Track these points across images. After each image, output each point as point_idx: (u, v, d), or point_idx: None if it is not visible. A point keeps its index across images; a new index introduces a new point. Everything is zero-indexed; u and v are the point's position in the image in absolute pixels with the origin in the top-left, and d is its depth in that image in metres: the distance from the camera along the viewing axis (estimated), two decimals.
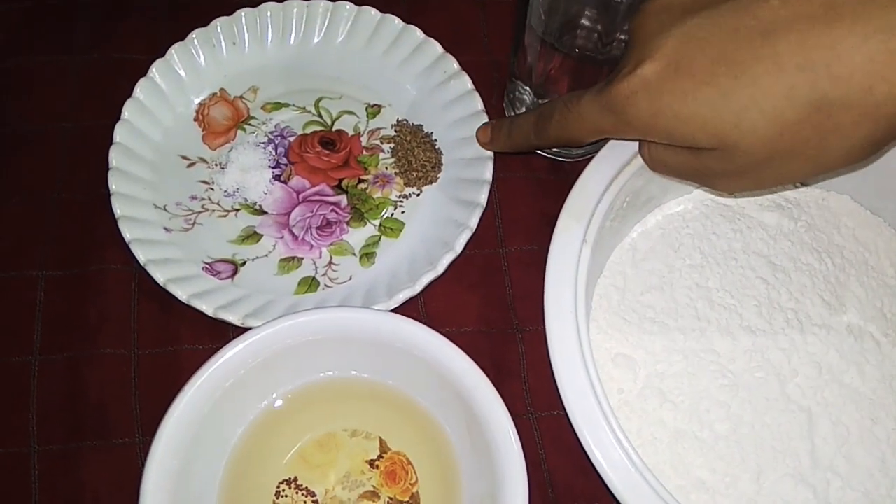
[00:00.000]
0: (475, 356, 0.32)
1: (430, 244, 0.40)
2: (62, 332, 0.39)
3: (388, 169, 0.44)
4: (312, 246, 0.41)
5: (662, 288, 0.39)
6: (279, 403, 0.34)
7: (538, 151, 0.44)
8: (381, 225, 0.42)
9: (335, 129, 0.45)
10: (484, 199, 0.40)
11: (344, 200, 0.43)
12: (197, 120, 0.44)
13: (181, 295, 0.37)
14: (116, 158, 0.40)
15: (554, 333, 0.33)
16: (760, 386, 0.37)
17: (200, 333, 0.39)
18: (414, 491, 0.34)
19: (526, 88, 0.42)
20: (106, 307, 0.39)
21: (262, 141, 0.44)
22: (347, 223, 0.42)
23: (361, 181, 0.43)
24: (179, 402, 0.31)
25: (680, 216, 0.41)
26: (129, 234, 0.39)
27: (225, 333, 0.38)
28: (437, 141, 0.44)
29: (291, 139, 0.44)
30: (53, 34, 0.47)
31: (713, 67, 0.27)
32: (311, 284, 0.40)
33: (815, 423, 0.36)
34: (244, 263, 0.40)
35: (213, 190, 0.42)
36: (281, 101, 0.45)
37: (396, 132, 0.44)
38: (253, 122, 0.44)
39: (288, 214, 0.42)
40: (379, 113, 0.45)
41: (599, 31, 0.38)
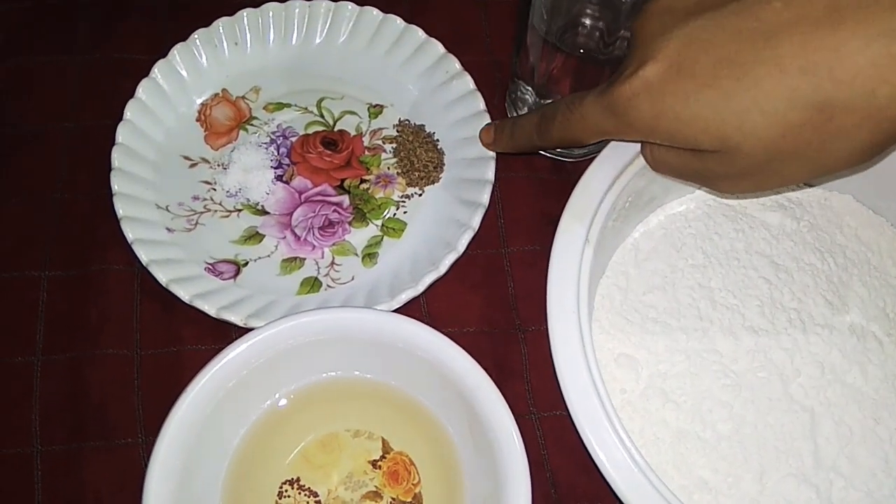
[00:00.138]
0: (477, 356, 0.32)
1: (432, 244, 0.40)
2: (64, 332, 0.39)
3: (390, 169, 0.43)
4: (315, 246, 0.41)
5: (665, 288, 0.39)
6: (282, 404, 0.34)
7: (541, 151, 0.44)
8: (383, 225, 0.42)
9: (337, 129, 0.44)
10: (486, 199, 0.40)
11: (346, 201, 0.43)
12: (199, 120, 0.44)
13: (184, 295, 0.37)
14: (119, 159, 0.40)
15: (556, 333, 0.33)
16: (763, 386, 0.37)
17: (203, 334, 0.39)
18: (416, 491, 0.34)
19: (528, 88, 0.42)
20: (108, 307, 0.39)
21: (264, 141, 0.44)
22: (349, 223, 0.42)
23: (363, 181, 0.43)
24: (182, 402, 0.31)
25: (682, 216, 0.41)
26: (131, 234, 0.39)
27: (227, 334, 0.38)
28: (439, 141, 0.44)
29: (293, 139, 0.44)
30: (54, 34, 0.47)
31: (715, 69, 0.27)
32: (313, 285, 0.40)
33: (817, 423, 0.36)
34: (246, 264, 0.40)
35: (215, 190, 0.42)
36: (283, 101, 0.45)
37: (398, 132, 0.44)
38: (255, 122, 0.44)
39: (290, 215, 0.42)
40: (381, 113, 0.45)
41: (602, 30, 0.38)
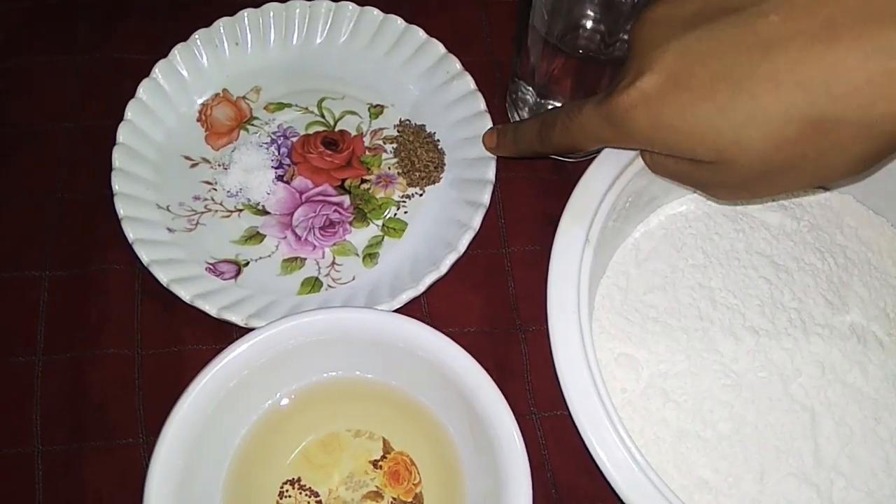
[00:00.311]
0: (478, 356, 0.32)
1: (433, 244, 0.41)
2: (65, 332, 0.39)
3: (390, 169, 0.44)
4: (315, 246, 0.41)
5: (665, 288, 0.39)
6: (283, 404, 0.34)
7: None
8: (383, 225, 0.42)
9: (338, 129, 0.44)
10: (487, 199, 0.40)
11: (347, 201, 0.43)
12: (200, 120, 0.44)
13: (184, 295, 0.37)
14: (120, 159, 0.40)
15: (557, 333, 0.33)
16: (763, 386, 0.37)
17: (204, 334, 0.39)
18: (417, 491, 0.34)
19: (529, 88, 0.42)
20: (109, 307, 0.39)
21: (264, 141, 0.44)
22: (350, 223, 0.42)
23: (364, 181, 0.43)
24: (183, 402, 0.31)
25: (683, 216, 0.41)
26: (132, 234, 0.39)
27: (228, 334, 0.38)
28: (439, 141, 0.44)
29: (294, 139, 0.44)
30: (54, 34, 0.47)
31: (712, 83, 0.27)
32: (314, 285, 0.40)
33: (818, 422, 0.36)
34: (247, 264, 0.40)
35: (216, 190, 0.42)
36: (283, 101, 0.45)
37: (399, 132, 0.44)
38: (256, 122, 0.44)
39: (291, 215, 0.42)
40: (381, 113, 0.45)
41: (602, 31, 0.38)
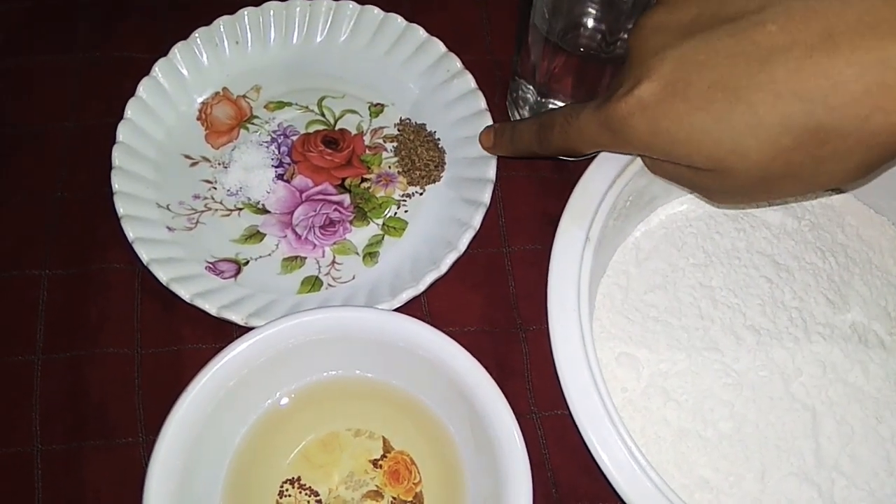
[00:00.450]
0: (478, 355, 0.32)
1: (433, 243, 0.40)
2: (65, 331, 0.39)
3: (391, 168, 0.43)
4: (315, 245, 0.41)
5: (666, 287, 0.39)
6: (283, 403, 0.34)
7: None
8: (384, 224, 0.42)
9: (338, 128, 0.44)
10: (487, 198, 0.40)
11: (347, 199, 0.43)
12: (200, 119, 0.44)
13: (184, 294, 0.37)
14: (119, 157, 0.40)
15: (557, 332, 0.33)
16: (764, 385, 0.37)
17: (204, 333, 0.39)
18: (417, 490, 0.34)
19: (529, 87, 0.42)
20: (108, 306, 0.39)
21: (265, 140, 0.44)
22: (350, 222, 0.42)
23: (364, 180, 0.43)
24: (183, 401, 0.31)
25: (683, 215, 0.41)
26: (132, 233, 0.39)
27: (228, 333, 0.38)
28: (440, 140, 0.44)
29: (294, 138, 0.44)
30: (54, 34, 0.47)
31: (709, 93, 0.27)
32: (314, 284, 0.40)
33: (819, 422, 0.36)
34: (247, 263, 0.40)
35: (216, 189, 0.42)
36: (284, 100, 0.45)
37: (399, 131, 0.44)
38: (256, 121, 0.44)
39: (291, 213, 0.42)
40: (382, 112, 0.45)
41: (603, 29, 0.38)
